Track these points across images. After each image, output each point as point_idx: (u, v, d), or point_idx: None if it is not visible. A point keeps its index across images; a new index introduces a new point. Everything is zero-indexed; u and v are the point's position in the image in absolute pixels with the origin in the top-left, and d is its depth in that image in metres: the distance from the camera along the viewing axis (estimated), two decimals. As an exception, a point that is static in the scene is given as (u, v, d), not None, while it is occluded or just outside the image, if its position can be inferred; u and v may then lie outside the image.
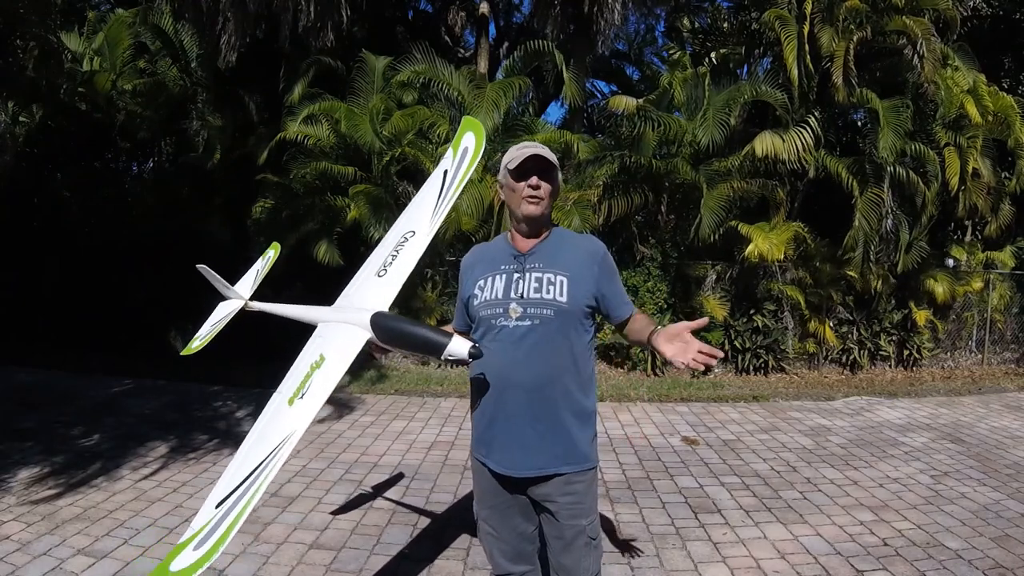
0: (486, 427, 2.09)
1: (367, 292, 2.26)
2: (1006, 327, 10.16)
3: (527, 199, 2.04)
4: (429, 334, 1.98)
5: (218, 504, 1.77)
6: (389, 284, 2.24)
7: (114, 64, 9.53)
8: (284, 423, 1.92)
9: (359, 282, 2.36)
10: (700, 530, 3.92)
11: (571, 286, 2.01)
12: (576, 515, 2.05)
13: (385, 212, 8.08)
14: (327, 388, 1.98)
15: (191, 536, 1.70)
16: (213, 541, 1.66)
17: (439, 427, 6.01)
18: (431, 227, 2.33)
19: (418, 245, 2.31)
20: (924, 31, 8.20)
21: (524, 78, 8.87)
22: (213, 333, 2.92)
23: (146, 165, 11.14)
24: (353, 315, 2.15)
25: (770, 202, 8.87)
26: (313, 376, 2.01)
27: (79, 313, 9.11)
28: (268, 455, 1.84)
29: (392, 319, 2.10)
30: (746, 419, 6.55)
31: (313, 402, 1.95)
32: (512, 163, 2.04)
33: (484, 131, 2.58)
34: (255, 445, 1.91)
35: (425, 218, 2.36)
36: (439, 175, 2.48)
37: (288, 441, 1.86)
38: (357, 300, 2.25)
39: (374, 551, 3.58)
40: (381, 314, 2.09)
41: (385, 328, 2.06)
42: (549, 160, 2.04)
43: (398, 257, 2.30)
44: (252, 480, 1.79)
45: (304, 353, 2.13)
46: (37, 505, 4.01)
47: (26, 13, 6.37)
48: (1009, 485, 4.72)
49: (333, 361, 2.04)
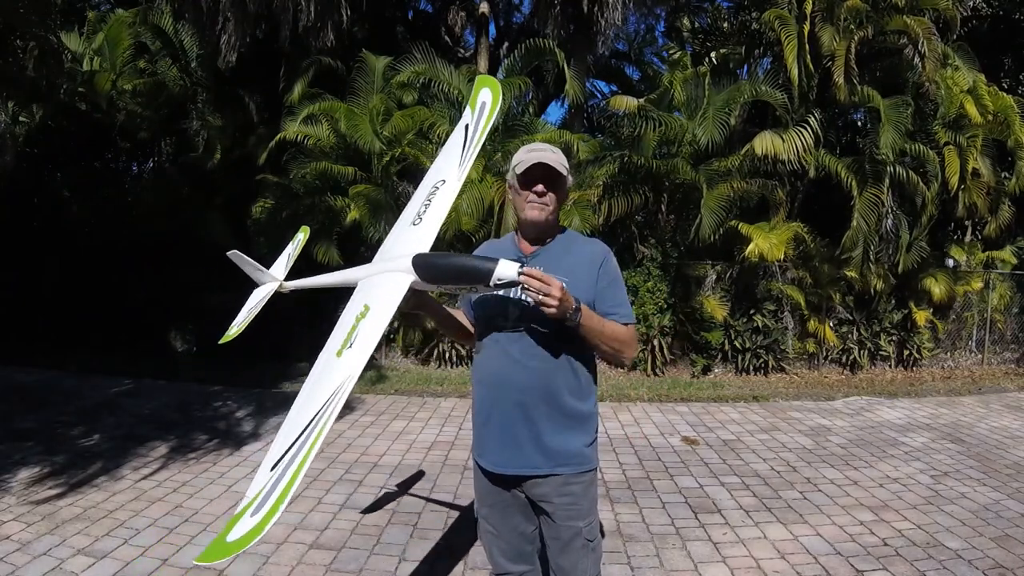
0: (482, 426, 2.10)
1: (404, 241, 2.21)
2: (1006, 327, 10.16)
3: (530, 203, 2.04)
4: (474, 261, 1.90)
5: (272, 466, 1.69)
6: (426, 230, 2.20)
7: (114, 64, 9.53)
8: (335, 374, 1.86)
9: (395, 235, 2.32)
10: (700, 530, 3.92)
11: (570, 290, 2.01)
12: (573, 516, 2.04)
13: (385, 213, 8.09)
14: (377, 333, 1.91)
15: (247, 504, 1.61)
16: (270, 504, 1.58)
17: (439, 427, 6.01)
18: (460, 174, 2.32)
19: (450, 191, 2.29)
20: (925, 30, 8.21)
21: (524, 78, 8.88)
22: (250, 318, 2.88)
23: (146, 165, 11.14)
24: (393, 264, 2.09)
25: (770, 202, 8.88)
26: (359, 326, 1.95)
27: (79, 313, 9.11)
28: (322, 407, 1.77)
29: (433, 256, 2.04)
30: (746, 419, 6.55)
31: (364, 348, 1.89)
32: (520, 167, 2.02)
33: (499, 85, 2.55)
34: (307, 400, 1.84)
35: (453, 167, 2.36)
36: (461, 129, 2.48)
37: (342, 390, 1.80)
38: (396, 251, 2.19)
39: (374, 551, 3.58)
40: (421, 254, 2.03)
41: (427, 266, 1.97)
42: (557, 170, 2.00)
43: (431, 205, 2.27)
44: (306, 435, 1.72)
45: (347, 309, 2.07)
46: (37, 505, 4.01)
47: (26, 13, 6.36)
48: (1009, 485, 4.72)
49: (378, 307, 1.97)
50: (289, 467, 1.65)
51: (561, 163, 2.03)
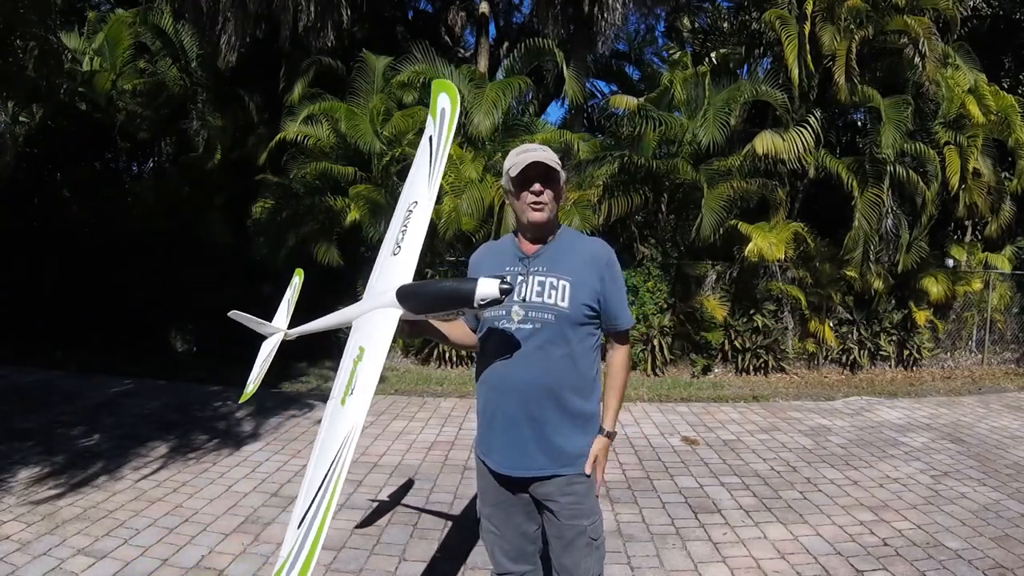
0: (487, 427, 2.11)
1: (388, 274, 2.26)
2: (1006, 327, 10.16)
3: (531, 206, 2.04)
4: (454, 285, 1.96)
5: (299, 524, 1.82)
6: (406, 259, 2.25)
7: (114, 64, 9.53)
8: (341, 424, 1.96)
9: (379, 268, 2.38)
10: (700, 530, 3.92)
11: (573, 291, 2.01)
12: (577, 515, 2.05)
13: (385, 213, 8.08)
14: (374, 376, 1.99)
15: (282, 564, 1.75)
16: (303, 559, 1.71)
17: (439, 427, 6.01)
18: (431, 192, 2.37)
19: (424, 213, 2.34)
20: (925, 30, 8.21)
21: (524, 78, 8.87)
22: (264, 370, 3.06)
23: (146, 165, 11.14)
24: (379, 299, 2.15)
25: (770, 202, 8.87)
26: (357, 371, 2.03)
27: (79, 313, 9.11)
28: (333, 460, 1.88)
29: (415, 287, 2.09)
30: (746, 419, 6.55)
31: (364, 394, 1.98)
32: (513, 170, 2.03)
33: (456, 89, 2.58)
34: (320, 455, 1.95)
35: (423, 185, 2.41)
36: (426, 143, 2.52)
37: (350, 439, 1.90)
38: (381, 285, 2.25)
39: (374, 551, 3.58)
40: (404, 287, 2.08)
41: (412, 297, 2.03)
42: (550, 165, 2.01)
43: (407, 231, 2.32)
44: (324, 490, 1.84)
45: (345, 354, 2.15)
46: (37, 505, 4.01)
47: (26, 13, 6.36)
48: (1009, 485, 4.72)
49: (372, 349, 2.04)
50: (314, 521, 1.78)
51: (552, 159, 2.04)
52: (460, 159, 8.12)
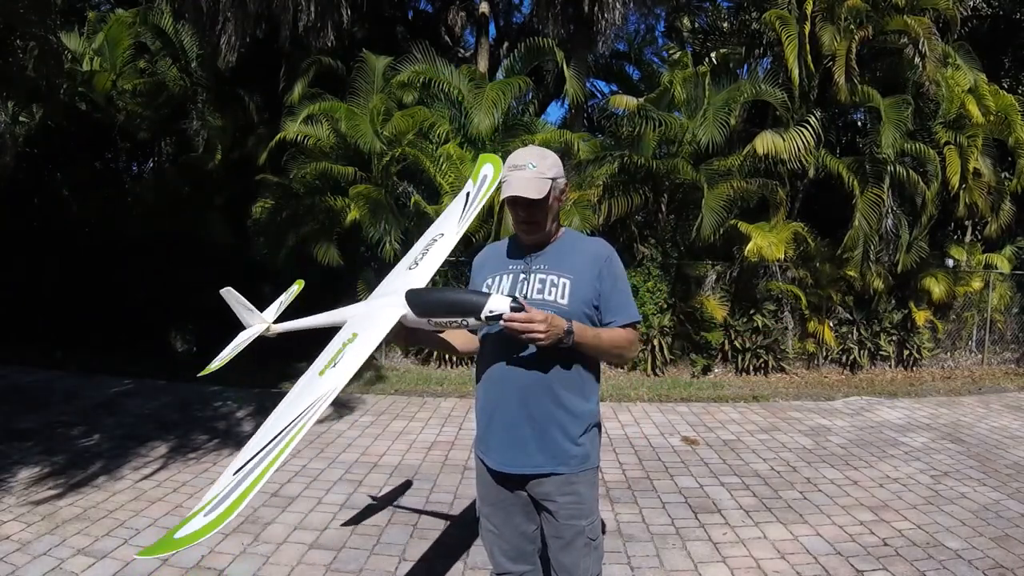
0: (486, 425, 2.12)
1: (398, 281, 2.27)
2: (1006, 327, 10.16)
3: (519, 226, 2.07)
4: (466, 295, 1.94)
5: (236, 471, 1.71)
6: (421, 273, 2.29)
7: (114, 64, 9.53)
8: (314, 390, 1.90)
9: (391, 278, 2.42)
10: (700, 530, 3.92)
11: (573, 289, 2.01)
12: (575, 515, 2.05)
13: (385, 213, 8.08)
14: (360, 357, 1.96)
15: (202, 505, 1.62)
16: (224, 507, 1.58)
17: (439, 427, 6.01)
18: (459, 229, 2.54)
19: (448, 243, 2.49)
20: (925, 30, 8.20)
21: (524, 77, 8.86)
22: (232, 355, 2.98)
23: (146, 165, 11.14)
24: (385, 299, 2.14)
25: (770, 202, 8.87)
26: (345, 350, 2.00)
27: (79, 313, 9.11)
28: (294, 419, 1.80)
29: (425, 291, 2.09)
30: (746, 419, 6.55)
31: (346, 369, 1.93)
32: (501, 192, 2.01)
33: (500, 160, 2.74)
34: (282, 413, 1.87)
35: (453, 223, 2.58)
36: (462, 197, 2.70)
37: (317, 405, 1.83)
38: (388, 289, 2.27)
39: (374, 551, 3.58)
40: (414, 289, 2.07)
41: (420, 301, 2.01)
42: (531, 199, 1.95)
43: (428, 252, 2.42)
44: (274, 445, 1.73)
45: (337, 336, 2.13)
46: (37, 505, 4.01)
47: (26, 13, 6.36)
48: (1009, 485, 4.72)
49: (365, 335, 2.02)
50: (251, 474, 1.67)
51: (540, 177, 1.97)
52: (460, 159, 8.12)
